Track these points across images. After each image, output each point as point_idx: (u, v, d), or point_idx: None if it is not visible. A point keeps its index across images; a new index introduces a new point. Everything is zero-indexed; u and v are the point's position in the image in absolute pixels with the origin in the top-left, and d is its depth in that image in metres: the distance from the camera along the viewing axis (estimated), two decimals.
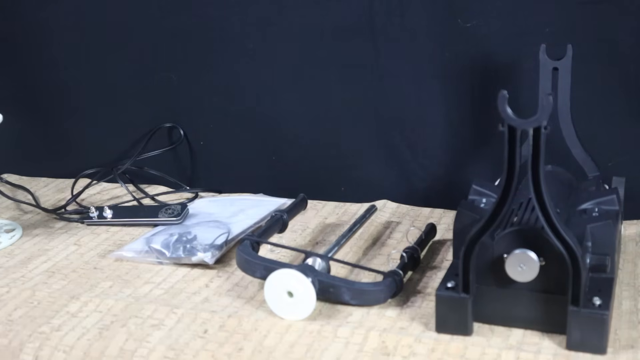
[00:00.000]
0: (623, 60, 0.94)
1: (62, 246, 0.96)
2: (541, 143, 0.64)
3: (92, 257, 0.93)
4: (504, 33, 0.97)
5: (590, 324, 0.68)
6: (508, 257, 0.69)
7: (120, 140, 1.18)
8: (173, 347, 0.72)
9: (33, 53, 1.18)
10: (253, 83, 1.10)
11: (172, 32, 1.11)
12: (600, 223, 0.75)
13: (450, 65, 1.01)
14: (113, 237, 0.99)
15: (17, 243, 0.98)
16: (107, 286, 0.85)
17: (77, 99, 1.19)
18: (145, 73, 1.14)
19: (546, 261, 0.69)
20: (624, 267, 0.85)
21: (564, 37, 0.91)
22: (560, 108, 0.89)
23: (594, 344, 0.68)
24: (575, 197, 0.84)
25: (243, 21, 1.08)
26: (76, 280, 0.87)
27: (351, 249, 0.93)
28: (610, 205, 0.80)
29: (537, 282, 0.69)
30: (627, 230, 0.94)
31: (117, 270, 0.89)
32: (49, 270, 0.90)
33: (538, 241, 0.69)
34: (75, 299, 0.81)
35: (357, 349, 0.70)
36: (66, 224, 1.04)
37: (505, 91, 0.63)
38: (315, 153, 1.11)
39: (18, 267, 0.91)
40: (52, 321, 0.78)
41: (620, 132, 0.96)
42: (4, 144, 1.10)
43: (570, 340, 0.68)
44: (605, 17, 0.93)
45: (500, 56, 0.98)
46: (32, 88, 1.20)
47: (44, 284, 0.86)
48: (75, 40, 1.16)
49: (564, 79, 0.88)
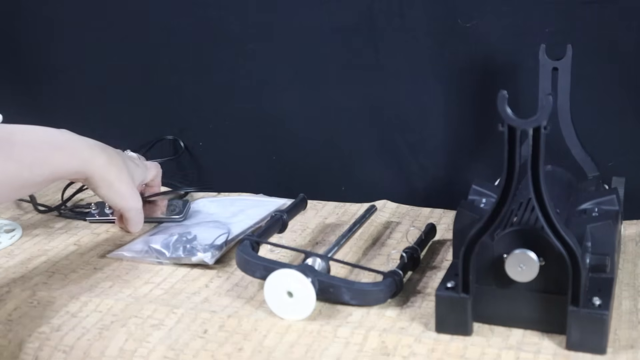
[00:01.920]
0: (623, 60, 0.94)
1: (62, 246, 0.96)
2: (541, 143, 0.64)
3: (92, 257, 0.93)
4: (504, 33, 0.97)
5: (590, 324, 0.68)
6: (508, 257, 0.69)
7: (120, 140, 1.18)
8: (173, 347, 0.72)
9: (33, 52, 1.18)
10: (253, 83, 1.10)
11: (172, 32, 1.11)
12: (600, 223, 0.75)
13: (450, 65, 1.01)
14: (113, 237, 0.99)
15: (17, 243, 0.98)
16: (107, 286, 0.85)
17: (77, 98, 1.19)
18: (145, 73, 1.14)
19: (546, 261, 0.69)
20: (623, 267, 0.85)
21: (563, 37, 0.91)
22: (560, 108, 0.89)
23: (594, 344, 0.68)
24: (575, 197, 0.84)
25: (243, 21, 1.08)
26: (76, 281, 0.87)
27: (351, 249, 0.93)
28: (610, 205, 0.80)
29: (536, 282, 0.69)
30: (627, 230, 0.94)
31: (117, 270, 0.89)
32: (49, 270, 0.90)
33: (538, 241, 0.69)
34: (75, 299, 0.81)
35: (357, 349, 0.70)
36: (66, 224, 1.04)
37: (505, 91, 0.63)
38: (315, 153, 1.11)
39: (18, 267, 0.91)
40: (52, 321, 0.78)
41: (621, 132, 0.96)
42: None
43: (570, 340, 0.68)
44: (606, 17, 0.93)
45: (500, 56, 0.98)
46: (32, 88, 1.20)
47: (43, 284, 0.86)
48: (75, 40, 1.16)
49: (564, 79, 0.88)
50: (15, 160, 0.78)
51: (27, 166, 0.79)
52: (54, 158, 0.82)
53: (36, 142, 0.81)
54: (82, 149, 0.86)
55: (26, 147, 0.80)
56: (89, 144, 0.87)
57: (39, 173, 0.80)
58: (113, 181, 0.89)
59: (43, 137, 0.83)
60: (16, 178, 0.78)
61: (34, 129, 0.83)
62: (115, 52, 1.15)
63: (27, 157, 0.79)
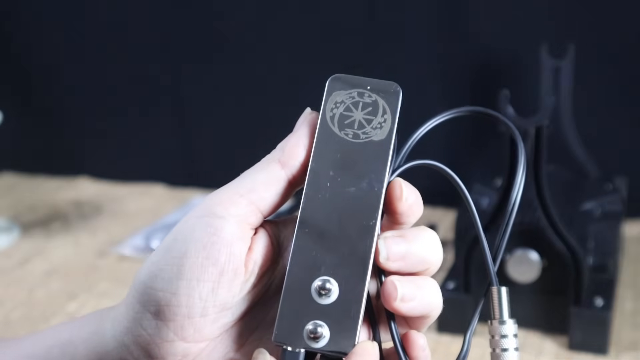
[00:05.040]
0: (624, 60, 0.93)
1: (60, 246, 0.96)
2: (543, 143, 0.64)
3: (90, 257, 0.93)
4: (504, 33, 0.97)
5: (592, 325, 0.67)
6: (509, 257, 0.69)
7: (119, 140, 1.18)
8: None
9: (33, 52, 1.18)
10: (253, 83, 1.10)
11: (172, 31, 1.11)
12: (603, 223, 0.75)
13: (450, 65, 1.01)
14: (112, 237, 0.98)
15: (15, 243, 0.98)
16: (105, 286, 0.85)
17: (77, 98, 1.19)
18: (146, 73, 1.14)
19: (548, 262, 0.68)
20: (626, 268, 0.85)
21: (565, 36, 0.90)
22: (562, 108, 0.89)
23: (596, 345, 0.68)
24: (577, 197, 0.83)
25: (243, 21, 1.07)
26: (74, 281, 0.86)
27: None
28: (612, 205, 0.80)
29: (538, 283, 0.69)
30: (630, 230, 0.93)
31: (115, 270, 0.89)
32: (47, 270, 0.89)
33: (540, 241, 0.68)
34: (73, 299, 0.81)
35: None
36: (64, 223, 1.03)
37: (507, 91, 0.63)
38: None
39: (16, 267, 0.90)
40: (51, 322, 0.77)
41: (623, 132, 0.96)
42: (4, 142, 1.09)
43: (572, 340, 0.68)
44: (606, 17, 0.92)
45: (501, 56, 0.98)
46: (32, 87, 1.20)
47: (42, 284, 0.86)
48: (75, 40, 1.16)
49: (566, 79, 0.88)
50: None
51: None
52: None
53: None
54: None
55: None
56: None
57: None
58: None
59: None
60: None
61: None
62: (116, 52, 1.14)
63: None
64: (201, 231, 0.38)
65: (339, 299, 0.36)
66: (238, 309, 0.39)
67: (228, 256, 0.37)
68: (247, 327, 0.40)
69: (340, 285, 0.37)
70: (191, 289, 0.37)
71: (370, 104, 0.40)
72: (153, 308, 0.38)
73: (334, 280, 0.37)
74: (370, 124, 0.39)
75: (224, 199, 0.39)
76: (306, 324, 0.36)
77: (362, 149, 0.39)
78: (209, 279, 0.37)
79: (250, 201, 0.38)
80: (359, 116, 0.40)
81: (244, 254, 0.38)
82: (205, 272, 0.37)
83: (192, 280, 0.37)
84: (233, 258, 0.37)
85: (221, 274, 0.37)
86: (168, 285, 0.37)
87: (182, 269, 0.37)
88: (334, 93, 0.40)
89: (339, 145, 0.39)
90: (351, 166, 0.38)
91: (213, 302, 0.38)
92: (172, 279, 0.37)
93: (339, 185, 0.38)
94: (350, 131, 0.39)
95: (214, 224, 0.38)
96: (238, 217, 0.38)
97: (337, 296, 0.36)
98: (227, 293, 0.38)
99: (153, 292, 0.38)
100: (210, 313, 0.38)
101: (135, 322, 0.38)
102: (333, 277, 0.37)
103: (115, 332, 0.40)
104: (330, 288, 0.36)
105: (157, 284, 0.38)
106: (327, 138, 0.39)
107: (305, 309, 0.36)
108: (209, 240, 0.37)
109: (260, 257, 0.39)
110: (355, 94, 0.40)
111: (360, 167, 0.38)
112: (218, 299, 0.38)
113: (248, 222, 0.38)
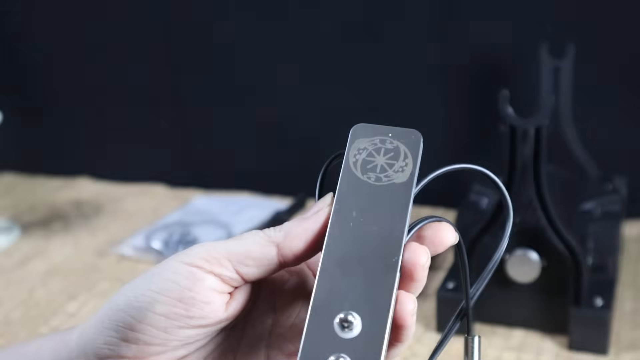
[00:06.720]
0: (624, 60, 0.93)
1: (60, 246, 0.96)
2: (542, 143, 0.64)
3: (90, 257, 0.93)
4: (504, 33, 0.97)
5: (592, 325, 0.67)
6: (509, 257, 0.69)
7: (119, 140, 1.18)
8: None
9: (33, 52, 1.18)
10: (252, 82, 1.10)
11: (172, 31, 1.11)
12: (602, 223, 0.75)
13: (450, 65, 1.00)
14: (112, 237, 0.98)
15: (15, 243, 0.98)
16: (105, 286, 0.85)
17: (77, 98, 1.19)
18: (145, 73, 1.14)
19: (547, 261, 0.68)
20: (626, 268, 0.85)
21: (565, 36, 0.90)
22: (562, 108, 0.89)
23: (596, 345, 0.68)
24: (577, 197, 0.83)
25: (243, 21, 1.07)
26: (74, 281, 0.86)
27: None
28: (612, 205, 0.80)
29: (538, 283, 0.69)
30: (629, 230, 0.93)
31: (115, 270, 0.89)
32: (47, 270, 0.89)
33: (539, 241, 0.68)
34: (74, 300, 0.81)
35: None
36: (64, 223, 1.03)
37: (507, 91, 0.63)
38: (315, 153, 1.10)
39: (16, 267, 0.90)
40: (50, 322, 0.77)
41: (622, 132, 0.96)
42: (4, 142, 1.09)
43: (572, 340, 0.68)
44: (606, 17, 0.92)
45: (500, 56, 0.98)
46: (33, 87, 1.20)
47: (42, 284, 0.86)
48: (75, 40, 1.16)
49: (565, 79, 0.88)
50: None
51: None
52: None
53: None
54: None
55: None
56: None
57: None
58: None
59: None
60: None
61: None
62: (116, 52, 1.14)
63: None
64: (183, 278, 0.39)
65: (362, 332, 0.37)
66: (204, 341, 0.41)
67: (201, 310, 0.39)
68: (222, 347, 0.42)
69: (363, 319, 0.37)
70: (158, 321, 0.39)
71: (392, 150, 0.41)
72: (120, 328, 0.39)
73: (357, 314, 0.37)
74: (392, 167, 0.41)
75: (213, 256, 0.40)
76: (328, 358, 0.36)
77: (384, 191, 0.40)
78: (178, 319, 0.39)
79: (237, 270, 0.40)
80: (381, 161, 0.41)
81: (220, 308, 0.40)
82: (176, 314, 0.39)
83: (161, 315, 0.39)
84: (206, 311, 0.39)
85: (191, 319, 0.39)
86: (137, 312, 0.39)
87: (155, 304, 0.39)
88: (357, 140, 0.41)
89: (361, 188, 0.40)
90: (374, 207, 0.39)
91: (176, 337, 0.39)
92: (143, 308, 0.39)
93: (361, 225, 0.39)
94: (373, 175, 0.40)
95: (197, 275, 0.39)
96: (221, 277, 0.39)
97: (360, 330, 0.37)
98: (193, 332, 0.40)
99: (122, 315, 0.39)
100: (172, 344, 0.39)
101: (100, 335, 0.40)
102: (356, 311, 0.37)
103: (80, 340, 0.41)
104: (353, 321, 0.36)
105: (129, 308, 0.39)
106: (350, 182, 0.40)
107: (328, 342, 0.37)
108: (188, 288, 0.39)
109: (238, 306, 0.40)
110: (378, 140, 0.41)
111: (383, 207, 0.39)
112: (183, 335, 0.39)
113: (229, 284, 0.40)
